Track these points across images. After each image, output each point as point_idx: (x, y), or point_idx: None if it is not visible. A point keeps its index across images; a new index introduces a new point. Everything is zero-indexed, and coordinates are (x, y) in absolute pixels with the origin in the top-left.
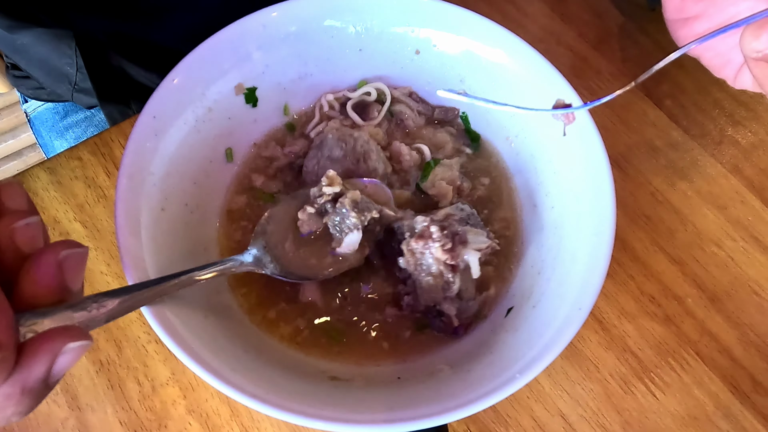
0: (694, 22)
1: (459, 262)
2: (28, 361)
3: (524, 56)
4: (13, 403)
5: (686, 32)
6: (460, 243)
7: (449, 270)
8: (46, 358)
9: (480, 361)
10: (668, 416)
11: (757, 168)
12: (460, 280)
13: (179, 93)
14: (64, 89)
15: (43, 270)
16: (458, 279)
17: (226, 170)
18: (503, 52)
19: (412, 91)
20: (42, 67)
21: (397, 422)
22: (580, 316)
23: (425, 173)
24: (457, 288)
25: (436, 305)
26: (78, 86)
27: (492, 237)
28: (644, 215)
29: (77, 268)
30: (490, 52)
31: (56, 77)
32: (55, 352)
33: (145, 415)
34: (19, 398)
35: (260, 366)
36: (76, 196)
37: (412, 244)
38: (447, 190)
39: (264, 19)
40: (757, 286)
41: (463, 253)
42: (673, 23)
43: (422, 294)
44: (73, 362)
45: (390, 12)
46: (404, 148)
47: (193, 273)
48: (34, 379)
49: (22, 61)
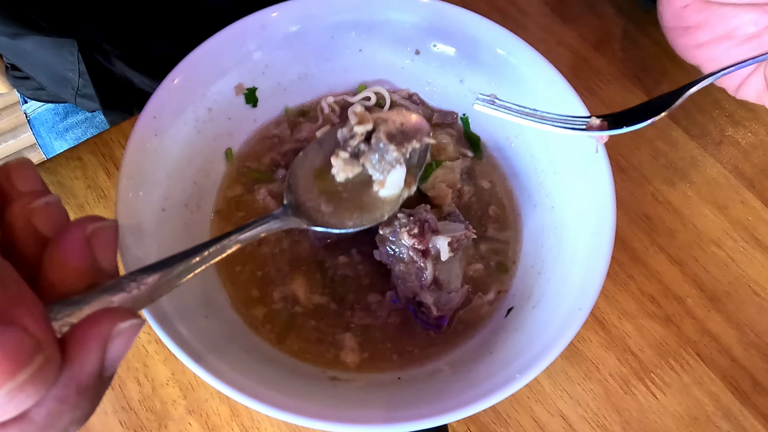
0: (696, 31)
1: (430, 247)
2: (77, 354)
3: (524, 56)
4: (69, 408)
5: (687, 41)
6: (430, 230)
7: (419, 255)
8: (96, 347)
9: (480, 361)
10: (668, 416)
11: (757, 168)
12: (438, 269)
13: (179, 93)
14: (68, 94)
15: (70, 250)
16: (430, 265)
17: (226, 170)
18: (503, 53)
19: (411, 94)
20: (45, 72)
21: (397, 422)
22: (580, 316)
23: (426, 174)
24: (429, 275)
25: (415, 296)
26: (81, 91)
27: (470, 228)
28: (644, 215)
29: (109, 243)
30: (490, 53)
31: (59, 82)
32: (105, 337)
33: (145, 415)
34: (76, 400)
35: (260, 366)
36: (76, 196)
37: (380, 231)
38: (446, 193)
39: (264, 19)
40: (757, 286)
41: (434, 239)
42: (672, 30)
43: (399, 285)
44: (127, 347)
45: (390, 12)
46: None
47: (232, 236)
48: (88, 374)
49: (26, 65)
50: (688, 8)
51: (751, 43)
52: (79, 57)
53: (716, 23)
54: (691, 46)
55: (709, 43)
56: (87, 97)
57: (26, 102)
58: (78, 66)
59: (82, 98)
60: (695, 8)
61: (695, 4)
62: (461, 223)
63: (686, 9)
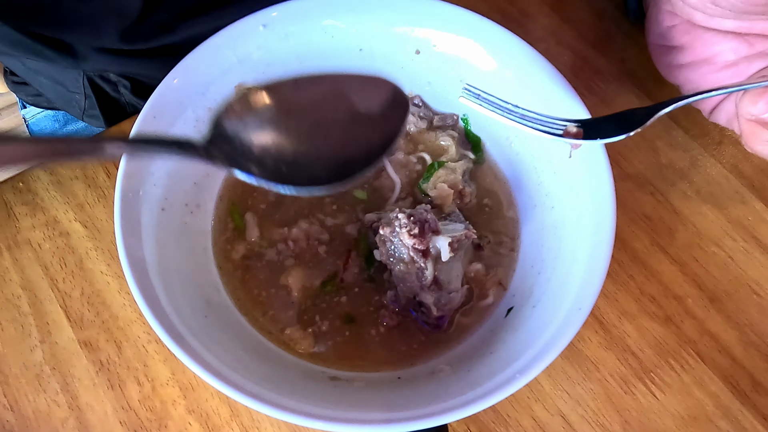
0: (679, 52)
1: (430, 248)
2: None
3: (524, 56)
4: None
5: (670, 60)
6: (431, 231)
7: (419, 255)
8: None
9: (480, 361)
10: (668, 416)
11: (757, 168)
12: (439, 269)
13: (179, 93)
14: (75, 112)
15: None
16: (430, 265)
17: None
18: (503, 52)
19: (413, 96)
20: (53, 91)
21: (397, 422)
22: (580, 316)
23: (428, 174)
24: (430, 275)
25: (415, 297)
26: (88, 112)
27: (471, 228)
28: (644, 215)
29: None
30: (490, 52)
31: (67, 101)
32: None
33: (145, 415)
34: None
35: (260, 366)
36: (76, 196)
37: (381, 232)
38: (448, 193)
39: (264, 19)
40: (757, 286)
41: (434, 239)
42: (656, 48)
43: (399, 285)
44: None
45: (390, 12)
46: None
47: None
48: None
49: (34, 82)
50: (675, 29)
51: (729, 71)
52: (85, 83)
53: (699, 47)
54: (672, 66)
55: (690, 65)
56: (95, 117)
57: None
58: (84, 91)
59: (89, 118)
60: (681, 29)
61: (682, 25)
62: (461, 223)
63: (672, 29)
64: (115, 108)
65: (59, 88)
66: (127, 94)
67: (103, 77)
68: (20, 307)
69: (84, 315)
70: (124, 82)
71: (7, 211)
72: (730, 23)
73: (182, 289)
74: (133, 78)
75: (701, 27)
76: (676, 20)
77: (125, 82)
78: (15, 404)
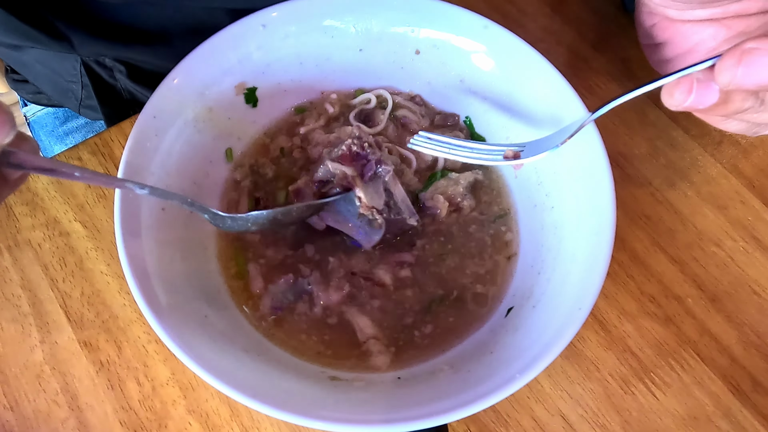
0: (663, 48)
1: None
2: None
3: (524, 56)
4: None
5: (658, 57)
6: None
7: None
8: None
9: (480, 361)
10: (668, 416)
11: (757, 168)
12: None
13: (179, 93)
14: (71, 104)
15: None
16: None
17: (226, 170)
18: (503, 52)
19: (414, 95)
20: (48, 82)
21: (397, 422)
22: (580, 316)
23: (427, 184)
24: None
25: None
26: (84, 102)
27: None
28: (644, 215)
29: None
30: (490, 52)
31: (63, 92)
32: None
33: (145, 415)
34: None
35: (260, 366)
36: (76, 196)
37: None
38: (443, 206)
39: (264, 19)
40: (757, 286)
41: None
42: (646, 48)
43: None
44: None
45: (390, 12)
46: None
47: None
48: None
49: (29, 75)
50: (656, 27)
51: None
52: (82, 71)
53: (680, 40)
54: (662, 62)
55: (676, 58)
56: (91, 108)
57: (26, 105)
58: (81, 79)
59: (85, 109)
60: (661, 26)
61: (661, 22)
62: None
63: (654, 28)
64: (111, 96)
65: (56, 77)
66: (123, 80)
67: (99, 62)
68: (20, 307)
69: (84, 315)
70: (120, 67)
71: (7, 211)
72: (703, 12)
73: (182, 289)
74: (129, 63)
75: (678, 21)
76: (656, 18)
77: (120, 66)
78: (15, 404)
